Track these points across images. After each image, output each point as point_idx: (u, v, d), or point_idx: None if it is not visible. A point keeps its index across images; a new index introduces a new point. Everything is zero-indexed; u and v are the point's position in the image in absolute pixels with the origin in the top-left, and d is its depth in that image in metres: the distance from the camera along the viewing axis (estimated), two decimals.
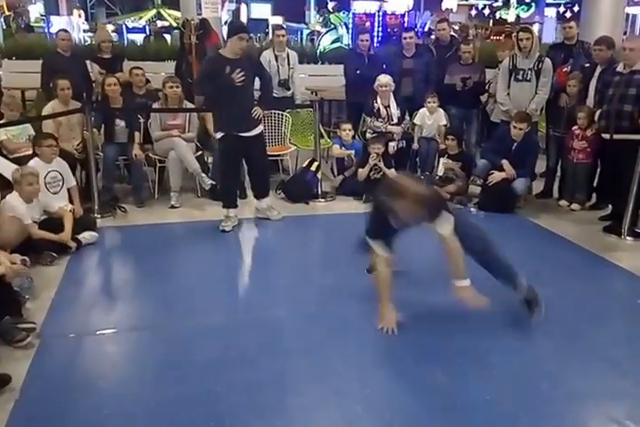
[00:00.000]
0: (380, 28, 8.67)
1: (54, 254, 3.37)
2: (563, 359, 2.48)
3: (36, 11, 15.22)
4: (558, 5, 17.29)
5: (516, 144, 4.44)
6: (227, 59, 3.64)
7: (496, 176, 4.43)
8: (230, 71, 3.58)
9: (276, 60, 5.16)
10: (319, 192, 4.71)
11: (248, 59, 3.79)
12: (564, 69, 4.81)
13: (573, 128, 4.46)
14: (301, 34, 12.99)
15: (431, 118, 5.16)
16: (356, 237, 2.94)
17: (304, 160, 4.92)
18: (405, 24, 8.94)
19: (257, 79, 3.92)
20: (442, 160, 4.79)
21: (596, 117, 4.23)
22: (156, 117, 4.56)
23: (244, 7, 15.27)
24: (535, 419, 2.10)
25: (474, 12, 17.54)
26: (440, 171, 4.78)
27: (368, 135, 5.03)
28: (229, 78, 3.57)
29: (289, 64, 5.23)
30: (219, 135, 3.84)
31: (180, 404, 2.12)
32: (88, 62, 5.34)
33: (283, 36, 5.25)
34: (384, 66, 5.38)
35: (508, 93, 4.74)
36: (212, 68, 3.67)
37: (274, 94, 5.19)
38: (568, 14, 16.33)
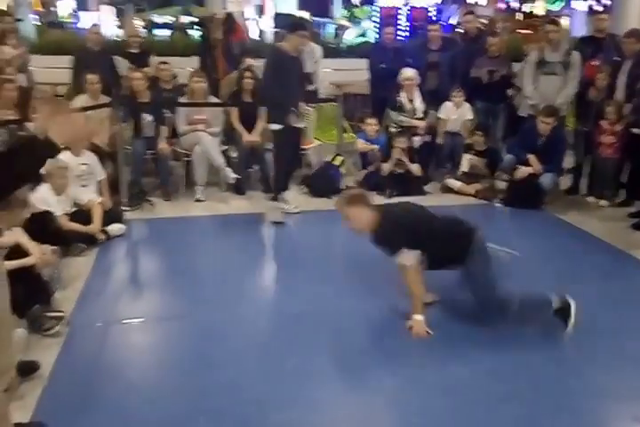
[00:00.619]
0: (407, 22, 8.57)
1: (83, 246, 3.46)
2: (588, 357, 2.44)
3: (66, 7, 15.53)
4: None
5: (542, 139, 4.36)
6: (289, 55, 3.83)
7: (522, 171, 4.36)
8: (292, 67, 3.80)
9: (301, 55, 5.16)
10: (342, 187, 4.70)
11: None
12: (592, 63, 4.67)
13: (601, 122, 4.35)
14: (326, 28, 12.93)
15: (456, 113, 5.09)
16: None
17: (328, 155, 4.91)
18: (432, 17, 8.81)
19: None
20: (466, 156, 4.72)
21: (625, 112, 4.12)
22: (182, 112, 4.62)
23: (269, 2, 15.27)
24: (558, 416, 2.07)
25: (502, 6, 17.14)
26: (465, 167, 4.71)
27: (392, 130, 5.00)
28: (292, 74, 3.80)
29: (313, 58, 5.21)
30: (277, 127, 3.90)
31: (204, 393, 2.16)
32: (116, 57, 5.43)
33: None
34: (409, 59, 5.33)
35: (536, 87, 4.64)
36: (278, 65, 3.83)
37: None
38: (599, 8, 15.83)
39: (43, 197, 3.36)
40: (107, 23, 11.67)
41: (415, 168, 4.67)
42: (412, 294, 2.56)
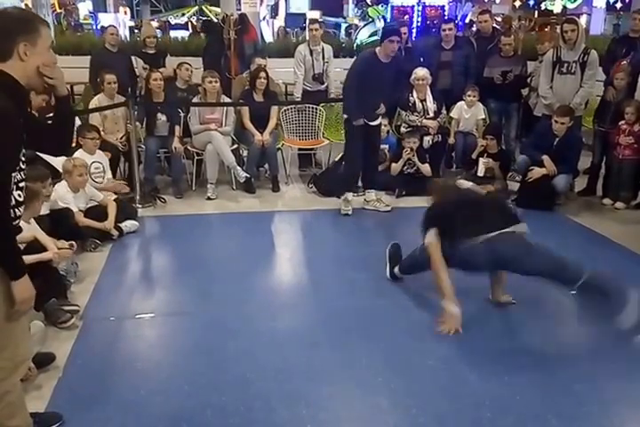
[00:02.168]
0: (419, 21, 8.53)
1: (98, 241, 3.53)
2: (599, 362, 2.40)
3: (84, 8, 15.79)
4: None
5: (557, 139, 4.27)
6: (380, 61, 3.91)
7: (536, 172, 4.28)
8: (380, 73, 3.90)
9: (311, 55, 5.19)
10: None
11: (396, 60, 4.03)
12: (622, 62, 4.55)
13: (620, 123, 4.28)
14: (339, 27, 12.96)
15: (469, 112, 5.05)
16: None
17: (337, 154, 4.91)
18: (445, 16, 8.75)
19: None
20: (482, 160, 4.64)
21: None
22: (195, 111, 4.68)
23: (282, 2, 15.37)
24: (566, 421, 2.04)
25: (518, 3, 16.95)
26: (480, 171, 4.64)
27: (403, 129, 4.98)
28: (378, 79, 3.90)
29: (324, 58, 5.24)
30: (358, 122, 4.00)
31: (212, 387, 2.20)
32: (133, 58, 5.52)
33: (317, 30, 5.26)
34: (421, 59, 5.31)
35: (552, 87, 4.56)
36: (365, 70, 3.94)
37: (307, 88, 5.25)
38: (619, 5, 15.59)
39: (60, 194, 3.44)
40: (123, 24, 11.85)
41: (425, 168, 4.66)
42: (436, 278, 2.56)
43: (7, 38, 1.46)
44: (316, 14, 11.27)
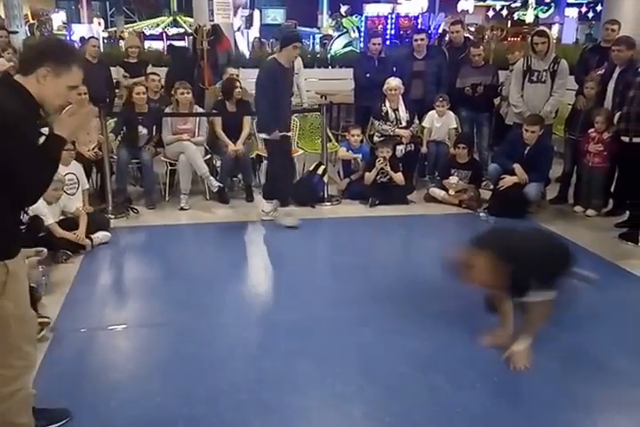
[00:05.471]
0: (393, 31, 8.67)
1: (69, 253, 3.47)
2: (567, 368, 2.42)
3: (58, 19, 15.63)
4: (580, 5, 17.03)
5: (528, 148, 4.29)
6: (283, 67, 3.94)
7: (507, 181, 4.29)
8: (286, 79, 3.97)
9: None
10: (325, 196, 4.70)
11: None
12: (598, 73, 4.59)
13: (589, 131, 4.31)
14: (313, 38, 13.10)
15: (440, 121, 5.11)
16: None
17: (311, 164, 4.92)
18: (419, 26, 8.90)
19: None
20: (453, 179, 4.61)
21: (615, 120, 4.08)
22: (168, 122, 4.66)
23: (257, 13, 15.48)
24: None
25: (491, 13, 17.35)
26: (451, 190, 4.61)
27: (376, 139, 5.02)
28: (286, 86, 3.99)
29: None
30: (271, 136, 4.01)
31: (184, 399, 2.17)
32: (115, 67, 5.50)
33: None
34: (394, 69, 5.37)
35: (522, 95, 4.62)
36: (275, 77, 3.94)
37: None
38: (590, 14, 16.11)
39: (34, 206, 3.35)
40: (98, 35, 11.78)
41: (398, 177, 4.66)
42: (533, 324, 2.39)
43: (38, 58, 1.61)
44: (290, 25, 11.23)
